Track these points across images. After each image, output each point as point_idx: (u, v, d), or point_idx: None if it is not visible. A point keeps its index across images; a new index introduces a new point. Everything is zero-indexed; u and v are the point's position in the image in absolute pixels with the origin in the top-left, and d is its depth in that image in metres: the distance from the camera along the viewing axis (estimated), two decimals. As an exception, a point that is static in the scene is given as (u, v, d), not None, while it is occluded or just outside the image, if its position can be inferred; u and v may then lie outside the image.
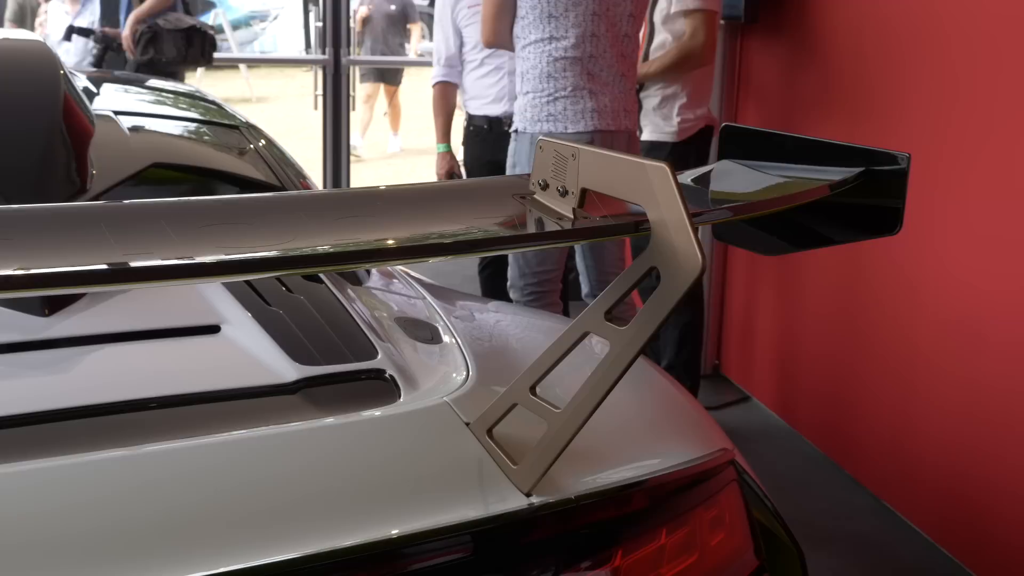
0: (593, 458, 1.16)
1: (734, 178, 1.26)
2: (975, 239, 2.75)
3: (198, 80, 11.34)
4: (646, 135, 3.50)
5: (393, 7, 9.26)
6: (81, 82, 2.06)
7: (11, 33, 1.95)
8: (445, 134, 3.97)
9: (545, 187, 1.01)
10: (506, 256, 4.04)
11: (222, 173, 1.79)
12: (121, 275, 0.76)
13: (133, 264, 0.75)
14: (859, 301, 3.27)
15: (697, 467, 1.23)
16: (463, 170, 4.03)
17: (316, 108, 7.50)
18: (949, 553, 2.86)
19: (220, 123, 2.02)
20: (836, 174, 1.22)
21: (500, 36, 3.08)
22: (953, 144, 2.82)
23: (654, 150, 3.46)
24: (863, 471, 3.28)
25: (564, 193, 0.99)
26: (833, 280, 3.42)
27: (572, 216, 0.98)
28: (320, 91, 6.28)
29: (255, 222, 0.87)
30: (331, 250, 0.85)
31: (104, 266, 0.75)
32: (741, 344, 4.09)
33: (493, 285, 3.95)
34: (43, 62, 1.59)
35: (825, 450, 3.49)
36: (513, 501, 1.04)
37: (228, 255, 0.79)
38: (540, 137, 1.04)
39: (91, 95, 2.01)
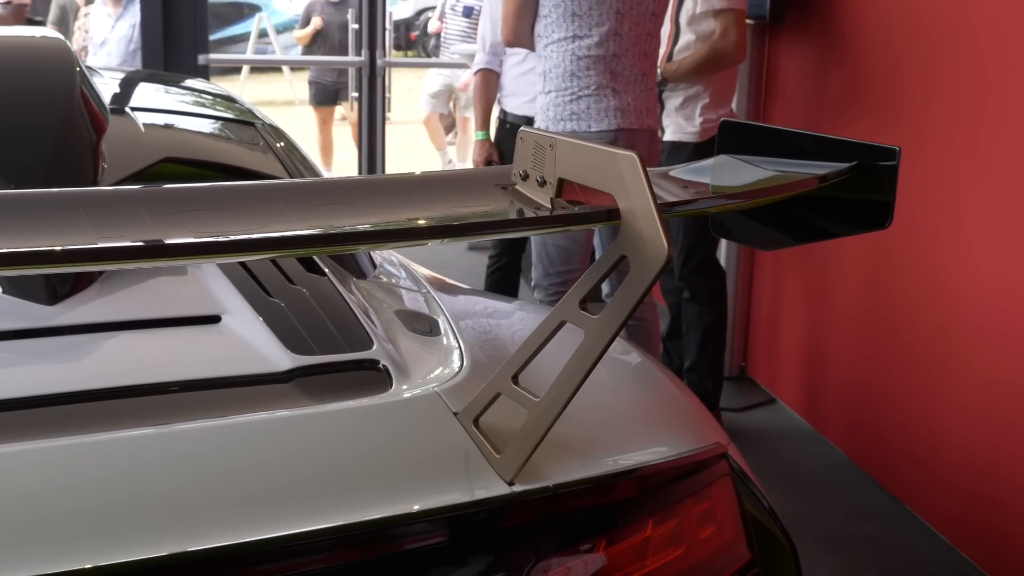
0: (582, 448, 1.17)
1: (727, 172, 1.27)
2: (1008, 238, 2.71)
3: (242, 83, 11.46)
4: (668, 135, 3.50)
5: (350, 17, 8.25)
6: (106, 80, 2.10)
7: (33, 31, 1.99)
8: (484, 122, 3.99)
9: (525, 177, 1.03)
10: (514, 261, 4.11)
11: (234, 170, 1.82)
12: (90, 255, 0.78)
13: (103, 245, 0.78)
14: (888, 302, 3.24)
15: (686, 459, 1.24)
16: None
17: (352, 109, 7.58)
18: (967, 556, 2.83)
19: (237, 121, 2.05)
20: (829, 168, 1.23)
21: (520, 35, 3.09)
22: (983, 143, 2.79)
23: (676, 150, 3.46)
24: (884, 474, 3.26)
25: (543, 183, 1.00)
26: (861, 281, 3.39)
27: (550, 206, 0.99)
28: (356, 93, 6.36)
29: (232, 208, 0.89)
30: (301, 234, 0.87)
31: (74, 247, 0.77)
32: (767, 346, 4.07)
33: (500, 289, 3.98)
34: (60, 58, 1.62)
35: (848, 452, 3.47)
36: (495, 489, 1.06)
37: (197, 238, 0.81)
38: (522, 128, 1.06)
39: (114, 92, 2.05)
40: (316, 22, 8.25)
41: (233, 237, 0.83)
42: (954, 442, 2.91)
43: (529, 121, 3.73)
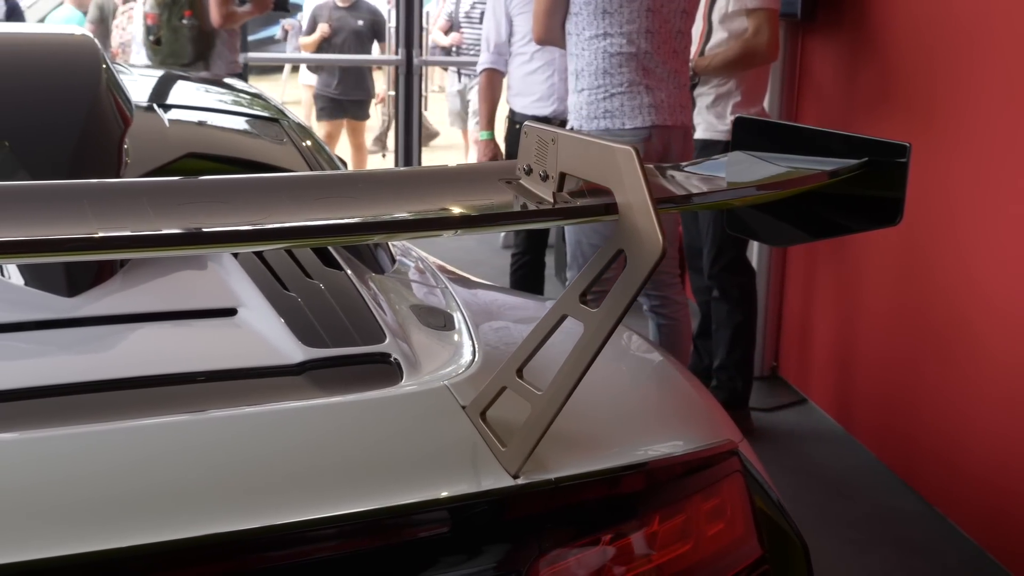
0: (590, 443, 1.18)
1: (738, 168, 1.27)
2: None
3: (283, 83, 11.55)
4: (699, 133, 3.48)
5: (361, 23, 7.84)
6: (135, 77, 2.13)
7: (62, 28, 2.03)
8: (490, 122, 4.01)
9: (529, 172, 1.04)
10: (537, 258, 4.12)
11: (257, 166, 1.83)
12: (90, 244, 0.80)
13: (103, 235, 0.80)
14: (920, 302, 3.20)
15: (694, 455, 1.24)
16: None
17: (391, 107, 7.62)
18: (995, 559, 2.80)
19: (262, 119, 2.07)
20: (840, 164, 1.22)
21: (551, 32, 3.09)
22: (1017, 141, 2.76)
23: (707, 148, 3.45)
24: (915, 475, 3.23)
25: (545, 177, 1.01)
26: (894, 281, 3.36)
27: (552, 200, 1.00)
28: (392, 91, 6.41)
29: (234, 200, 0.91)
30: (301, 225, 0.89)
31: (73, 235, 0.79)
32: (799, 346, 4.04)
33: (525, 286, 4.00)
34: (86, 55, 1.65)
35: (878, 454, 3.44)
36: (500, 481, 1.07)
37: (196, 229, 0.83)
38: (526, 123, 1.07)
39: (142, 89, 2.08)
40: (323, 28, 7.75)
41: (232, 228, 0.85)
42: (984, 445, 2.87)
43: (539, 120, 3.74)
